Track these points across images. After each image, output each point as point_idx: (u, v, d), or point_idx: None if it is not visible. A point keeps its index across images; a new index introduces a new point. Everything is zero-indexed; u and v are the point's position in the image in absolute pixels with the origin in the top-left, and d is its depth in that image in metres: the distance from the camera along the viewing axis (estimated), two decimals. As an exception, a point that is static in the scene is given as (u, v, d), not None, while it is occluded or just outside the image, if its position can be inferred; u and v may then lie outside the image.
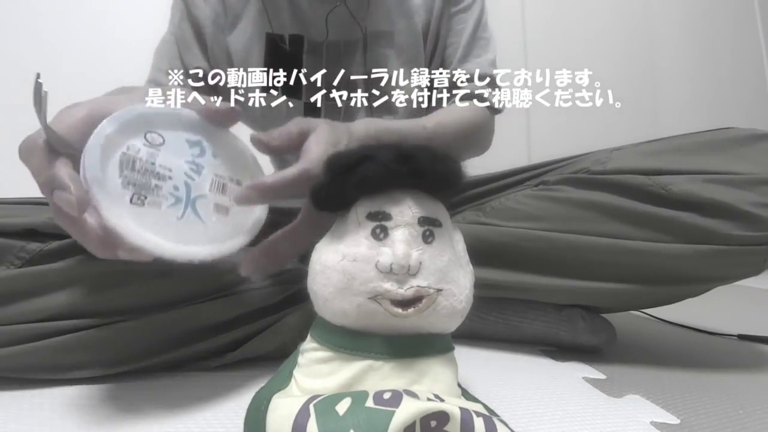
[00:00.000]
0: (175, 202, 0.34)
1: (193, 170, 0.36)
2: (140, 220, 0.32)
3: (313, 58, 0.69)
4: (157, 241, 0.32)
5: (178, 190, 0.35)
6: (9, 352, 0.40)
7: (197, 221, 0.36)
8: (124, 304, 0.45)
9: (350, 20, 0.68)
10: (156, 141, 0.35)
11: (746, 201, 0.47)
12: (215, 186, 0.37)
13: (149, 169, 0.34)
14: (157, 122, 0.36)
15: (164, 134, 0.36)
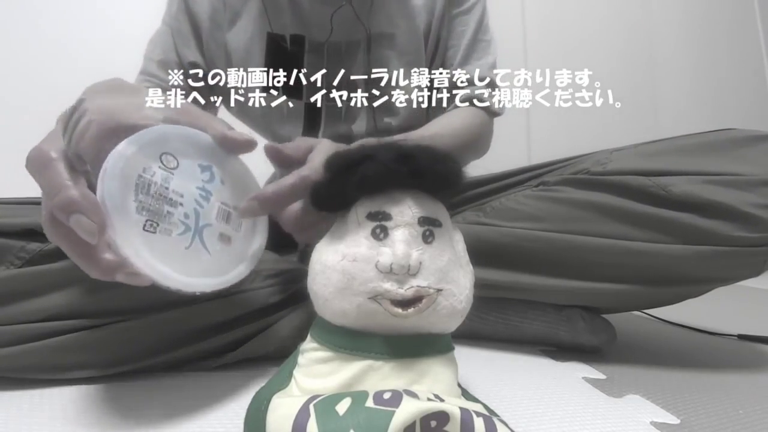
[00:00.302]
0: (184, 230, 0.34)
1: (203, 197, 0.36)
2: (151, 248, 0.32)
3: (314, 58, 0.69)
4: (165, 271, 0.32)
5: (188, 218, 0.34)
6: (9, 352, 0.40)
7: (203, 251, 0.35)
8: (124, 305, 0.45)
9: (353, 21, 0.68)
10: (171, 164, 0.34)
11: (746, 202, 0.47)
12: (221, 214, 0.37)
13: (163, 194, 0.33)
14: (173, 143, 0.35)
15: (178, 157, 0.35)
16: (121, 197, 0.31)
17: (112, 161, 0.31)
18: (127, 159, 0.32)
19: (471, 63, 0.73)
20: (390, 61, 0.71)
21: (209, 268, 0.36)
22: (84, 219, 0.29)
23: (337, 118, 0.72)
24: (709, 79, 2.01)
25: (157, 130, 0.34)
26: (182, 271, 0.33)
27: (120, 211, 0.30)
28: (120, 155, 0.31)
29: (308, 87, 0.69)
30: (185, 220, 0.34)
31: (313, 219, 0.42)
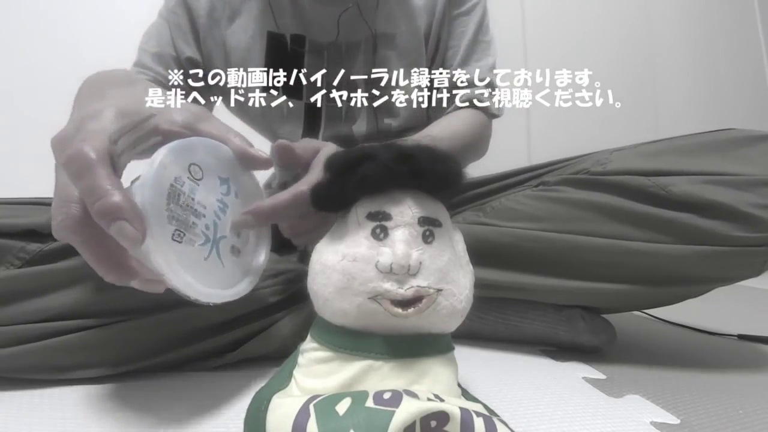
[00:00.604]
0: (204, 241, 0.34)
1: (221, 209, 0.36)
2: (179, 257, 0.32)
3: (314, 58, 0.69)
4: (189, 281, 0.32)
5: (208, 230, 0.35)
6: (9, 352, 0.40)
7: (218, 263, 0.36)
8: (124, 305, 0.45)
9: (355, 22, 0.68)
10: (197, 175, 0.35)
11: (746, 202, 0.47)
12: (233, 227, 0.37)
13: (189, 205, 0.33)
14: (199, 154, 0.35)
15: (203, 168, 0.35)
16: (158, 206, 0.31)
17: (154, 170, 0.31)
18: (165, 168, 0.32)
19: (471, 64, 0.73)
20: (390, 61, 0.71)
21: (223, 280, 0.36)
22: (128, 227, 0.28)
23: (338, 118, 0.72)
24: (709, 79, 2.01)
25: (189, 141, 0.35)
26: (202, 281, 0.33)
27: (158, 219, 0.30)
28: (161, 164, 0.32)
29: (308, 87, 0.69)
30: (206, 231, 0.34)
31: (311, 225, 0.42)
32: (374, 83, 0.71)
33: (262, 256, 0.41)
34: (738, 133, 0.53)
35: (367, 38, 0.70)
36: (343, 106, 0.71)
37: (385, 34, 0.70)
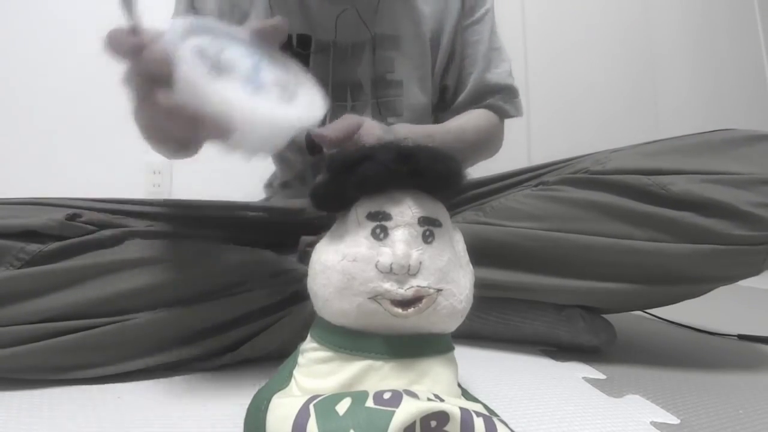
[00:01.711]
0: (245, 81, 0.35)
1: (254, 70, 0.36)
2: (224, 87, 0.32)
3: (320, 58, 0.69)
4: (246, 103, 0.33)
5: (245, 77, 0.35)
6: (9, 352, 0.40)
7: (269, 97, 0.36)
8: (124, 305, 0.45)
9: (358, 23, 0.68)
10: (218, 45, 0.36)
11: (746, 201, 0.47)
12: (276, 83, 0.37)
13: (217, 60, 0.34)
14: (216, 32, 0.37)
15: (224, 43, 0.36)
16: (184, 45, 0.33)
17: (168, 31, 0.33)
18: (182, 29, 0.34)
19: (490, 71, 0.75)
20: (394, 62, 0.71)
21: (282, 103, 0.36)
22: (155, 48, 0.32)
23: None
24: (709, 79, 2.01)
25: (200, 19, 0.37)
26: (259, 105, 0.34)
27: (183, 52, 0.32)
28: (173, 26, 0.34)
29: None
30: (242, 75, 0.35)
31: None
32: (379, 83, 0.72)
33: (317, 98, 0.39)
34: (737, 133, 0.53)
35: (371, 39, 0.70)
36: (348, 105, 0.72)
37: (389, 35, 0.71)
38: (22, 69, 1.46)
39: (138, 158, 1.52)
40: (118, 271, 0.45)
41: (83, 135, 1.48)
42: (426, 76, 0.75)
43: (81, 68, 1.49)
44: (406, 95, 0.73)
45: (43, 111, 1.46)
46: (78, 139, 1.48)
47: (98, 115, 1.50)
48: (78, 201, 0.50)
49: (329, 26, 0.68)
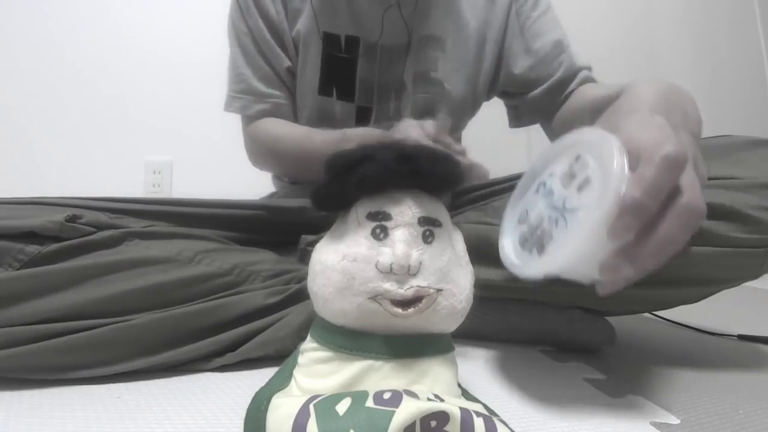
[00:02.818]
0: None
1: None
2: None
3: (367, 60, 0.71)
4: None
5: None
6: (9, 353, 0.40)
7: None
8: (123, 305, 0.45)
9: (401, 22, 0.69)
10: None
11: (746, 204, 0.47)
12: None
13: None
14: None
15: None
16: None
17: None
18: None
19: (573, 55, 0.76)
20: (437, 62, 0.73)
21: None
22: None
23: (386, 118, 0.74)
24: (709, 79, 2.01)
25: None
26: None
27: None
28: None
29: (360, 90, 0.71)
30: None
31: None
32: (421, 80, 0.73)
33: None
34: (737, 138, 0.53)
35: (418, 39, 0.71)
36: (392, 105, 0.73)
37: (434, 36, 0.73)
38: (22, 69, 1.46)
39: (138, 158, 1.53)
40: (118, 272, 0.45)
41: (83, 135, 1.48)
42: (467, 79, 0.76)
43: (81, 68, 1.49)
44: (446, 95, 0.75)
45: (43, 111, 1.46)
46: (78, 139, 1.48)
47: (98, 115, 1.50)
48: (77, 200, 0.50)
49: (376, 26, 0.69)
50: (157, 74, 1.53)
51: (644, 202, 0.29)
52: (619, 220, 0.29)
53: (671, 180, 0.30)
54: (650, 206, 0.29)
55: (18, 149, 1.42)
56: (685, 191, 0.31)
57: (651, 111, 0.36)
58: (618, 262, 0.31)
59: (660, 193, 0.30)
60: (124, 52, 1.52)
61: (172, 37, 1.55)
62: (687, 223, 0.31)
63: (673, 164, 0.30)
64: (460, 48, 0.74)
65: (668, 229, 0.30)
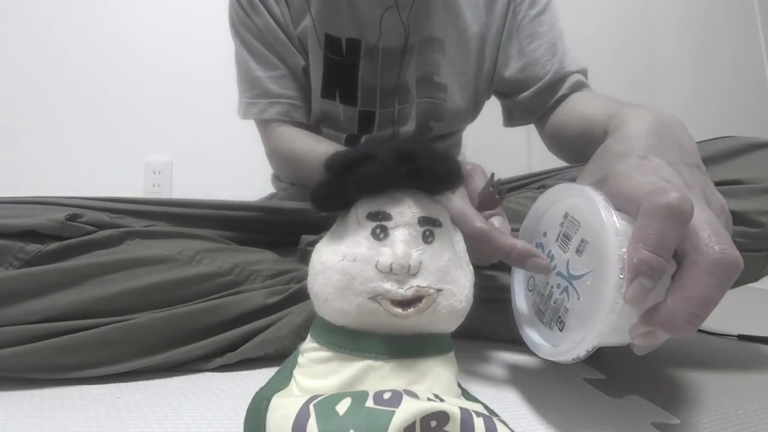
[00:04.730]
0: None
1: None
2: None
3: (369, 63, 0.70)
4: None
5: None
6: (9, 352, 0.40)
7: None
8: (123, 305, 0.45)
9: (400, 24, 0.68)
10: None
11: (747, 208, 0.47)
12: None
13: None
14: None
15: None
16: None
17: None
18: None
19: (566, 57, 0.73)
20: (440, 65, 0.72)
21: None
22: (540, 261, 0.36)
23: (389, 122, 0.74)
24: (709, 80, 2.01)
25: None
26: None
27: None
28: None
29: (362, 94, 0.70)
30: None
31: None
32: (425, 84, 0.72)
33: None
34: (737, 141, 0.53)
35: (419, 42, 0.70)
36: (396, 109, 0.72)
37: (435, 38, 0.72)
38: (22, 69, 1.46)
39: (138, 158, 1.53)
40: (118, 271, 0.45)
41: (83, 135, 1.48)
42: (468, 83, 0.75)
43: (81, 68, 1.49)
44: (449, 100, 0.74)
45: (43, 111, 1.46)
46: (78, 139, 1.48)
47: (99, 116, 1.50)
48: (78, 200, 0.50)
49: (375, 27, 0.68)
50: (158, 74, 1.53)
51: (653, 260, 0.27)
52: (635, 285, 0.27)
53: (679, 230, 0.28)
54: (661, 262, 0.27)
55: (18, 149, 1.42)
56: (710, 242, 0.27)
57: (644, 150, 0.34)
58: (650, 329, 0.29)
59: (669, 246, 0.27)
60: (124, 53, 1.52)
61: (172, 38, 1.55)
62: (722, 278, 0.27)
63: (678, 214, 0.27)
64: (461, 51, 0.73)
65: (699, 290, 0.27)
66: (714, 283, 0.27)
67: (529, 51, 0.73)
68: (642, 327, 0.29)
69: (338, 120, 0.73)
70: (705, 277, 0.27)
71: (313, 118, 0.73)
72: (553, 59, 0.71)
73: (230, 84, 0.77)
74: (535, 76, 0.71)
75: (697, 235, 0.28)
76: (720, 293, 0.27)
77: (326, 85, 0.70)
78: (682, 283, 0.28)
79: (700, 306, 0.27)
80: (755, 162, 0.51)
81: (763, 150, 0.52)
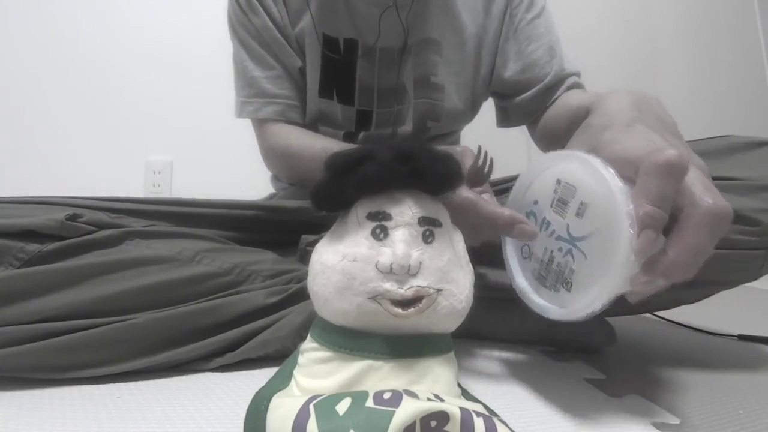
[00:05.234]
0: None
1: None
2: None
3: (366, 63, 0.70)
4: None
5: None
6: (8, 352, 0.40)
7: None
8: (124, 305, 0.45)
9: (400, 25, 0.69)
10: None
11: (746, 206, 0.47)
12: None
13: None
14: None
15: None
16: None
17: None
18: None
19: (564, 60, 0.74)
20: (437, 66, 0.72)
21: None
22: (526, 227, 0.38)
23: (387, 122, 0.74)
24: (709, 79, 2.01)
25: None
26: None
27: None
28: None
29: (360, 93, 0.70)
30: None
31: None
32: (422, 85, 0.73)
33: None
34: (736, 140, 0.53)
35: (416, 42, 0.71)
36: (394, 109, 0.73)
37: (432, 39, 0.72)
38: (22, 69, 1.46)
39: (138, 158, 1.52)
40: (118, 271, 0.45)
41: (83, 135, 1.48)
42: (465, 84, 0.75)
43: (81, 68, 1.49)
44: (446, 100, 0.74)
45: (43, 111, 1.46)
46: (78, 139, 1.48)
47: (99, 115, 1.50)
48: (78, 200, 0.50)
49: (373, 28, 0.68)
50: (158, 75, 1.53)
51: (657, 213, 0.29)
52: (642, 238, 0.29)
53: (677, 185, 0.30)
54: (663, 215, 0.30)
55: (18, 149, 1.42)
56: (704, 195, 0.30)
57: (627, 121, 0.35)
58: (651, 278, 0.31)
59: (668, 200, 0.30)
60: (124, 53, 1.52)
61: (172, 38, 1.55)
62: (715, 228, 0.30)
63: (676, 169, 0.29)
64: (457, 52, 0.73)
65: (697, 239, 0.30)
66: (708, 232, 0.30)
67: (527, 53, 0.73)
68: (644, 276, 0.31)
69: (335, 119, 0.73)
70: (701, 227, 0.29)
71: (310, 117, 0.73)
72: (552, 61, 0.72)
73: (230, 84, 0.77)
74: (536, 77, 0.71)
75: (690, 191, 0.30)
76: (713, 242, 0.30)
77: (324, 85, 0.71)
78: (681, 234, 0.30)
79: (696, 254, 0.30)
80: (754, 160, 0.51)
81: (761, 148, 0.52)
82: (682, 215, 0.30)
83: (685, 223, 0.30)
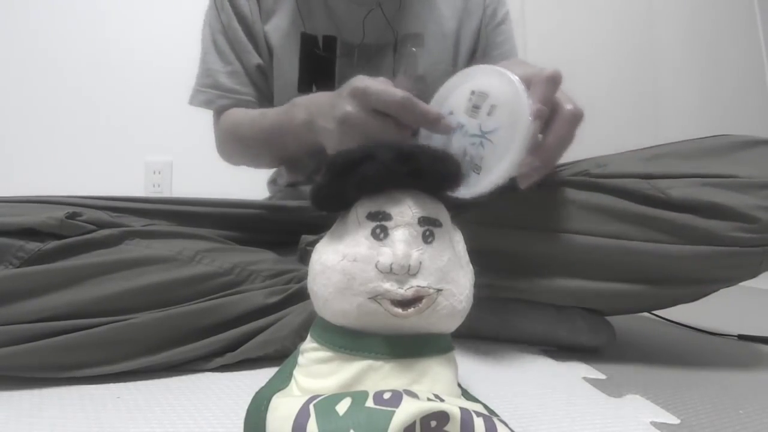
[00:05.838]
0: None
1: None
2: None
3: (345, 60, 0.71)
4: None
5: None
6: (8, 352, 0.40)
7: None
8: (124, 304, 0.45)
9: (384, 24, 0.69)
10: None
11: (745, 203, 0.47)
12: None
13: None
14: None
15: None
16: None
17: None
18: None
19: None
20: (418, 58, 0.74)
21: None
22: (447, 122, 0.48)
23: None
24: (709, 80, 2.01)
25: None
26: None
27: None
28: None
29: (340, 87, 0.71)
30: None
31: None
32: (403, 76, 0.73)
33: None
34: (736, 138, 0.53)
35: (397, 39, 0.71)
36: None
37: (413, 33, 0.73)
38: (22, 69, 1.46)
39: (138, 158, 1.53)
40: (118, 271, 0.45)
41: (83, 135, 1.49)
42: (446, 74, 0.76)
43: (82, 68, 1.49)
44: (430, 91, 0.74)
45: (43, 110, 1.46)
46: (78, 139, 1.48)
47: (98, 116, 1.50)
48: (78, 199, 0.50)
49: (355, 28, 0.69)
50: (158, 75, 1.53)
51: (543, 109, 0.43)
52: (534, 125, 0.43)
53: (555, 90, 0.44)
54: (547, 111, 0.43)
55: (18, 149, 1.42)
56: (566, 102, 0.45)
57: (504, 65, 0.47)
58: (532, 160, 0.44)
59: (550, 102, 0.44)
60: (124, 53, 1.52)
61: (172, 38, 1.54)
62: (573, 124, 0.45)
63: (557, 79, 0.44)
64: (438, 44, 0.75)
65: (563, 131, 0.45)
66: (570, 127, 0.45)
67: (492, 57, 0.78)
68: (529, 158, 0.44)
69: None
70: (565, 122, 0.45)
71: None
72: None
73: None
74: None
75: (558, 101, 0.45)
76: (572, 134, 0.45)
77: (303, 80, 0.72)
78: (553, 127, 0.45)
79: (563, 144, 0.45)
80: (752, 158, 0.51)
81: (760, 147, 0.52)
82: (554, 116, 0.45)
83: (556, 123, 0.45)
